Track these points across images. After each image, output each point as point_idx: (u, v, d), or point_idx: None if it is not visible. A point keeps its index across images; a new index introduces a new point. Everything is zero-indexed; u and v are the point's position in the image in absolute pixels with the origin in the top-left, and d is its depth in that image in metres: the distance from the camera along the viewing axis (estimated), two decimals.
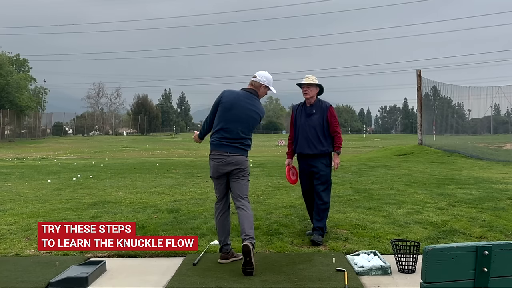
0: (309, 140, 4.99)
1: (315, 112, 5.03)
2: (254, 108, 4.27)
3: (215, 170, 4.27)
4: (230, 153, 4.19)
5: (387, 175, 10.68)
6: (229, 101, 4.27)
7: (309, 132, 4.99)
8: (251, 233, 4.03)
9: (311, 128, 4.99)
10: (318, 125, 4.98)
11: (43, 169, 13.96)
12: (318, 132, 4.97)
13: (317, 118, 5.00)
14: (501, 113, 19.94)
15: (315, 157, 4.97)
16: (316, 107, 5.05)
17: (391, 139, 51.61)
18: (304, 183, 5.16)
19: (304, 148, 5.01)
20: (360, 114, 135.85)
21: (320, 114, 5.01)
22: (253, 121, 4.29)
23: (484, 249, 1.93)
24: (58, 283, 3.69)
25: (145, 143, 46.77)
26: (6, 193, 8.54)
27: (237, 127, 4.21)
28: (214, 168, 4.28)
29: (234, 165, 4.20)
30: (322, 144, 4.97)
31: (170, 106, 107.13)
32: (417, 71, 19.90)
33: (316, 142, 4.97)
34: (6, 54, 50.72)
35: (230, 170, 4.22)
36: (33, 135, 53.58)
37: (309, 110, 5.06)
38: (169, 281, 3.78)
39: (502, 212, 6.24)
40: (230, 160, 4.19)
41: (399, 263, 4.03)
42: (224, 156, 4.20)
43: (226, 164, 4.21)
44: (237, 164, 4.20)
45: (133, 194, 8.25)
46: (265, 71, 4.39)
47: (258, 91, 4.34)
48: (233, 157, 4.19)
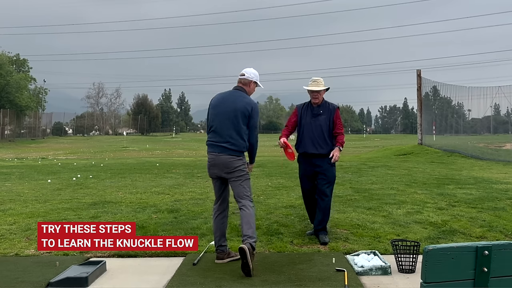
0: (314, 140, 4.99)
1: (322, 112, 5.05)
2: (241, 102, 4.22)
3: (208, 170, 4.37)
4: (218, 153, 4.21)
5: (387, 175, 10.68)
6: (216, 100, 4.35)
7: (316, 132, 4.99)
8: (249, 233, 4.02)
9: (318, 128, 4.99)
10: (324, 126, 5.00)
11: (43, 169, 13.96)
12: (324, 132, 4.99)
13: (324, 118, 5.02)
14: (501, 113, 19.94)
15: (319, 157, 4.98)
16: (323, 108, 5.07)
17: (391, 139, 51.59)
18: (306, 183, 5.16)
19: (309, 148, 5.01)
20: (360, 114, 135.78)
21: (327, 115, 5.03)
22: (241, 115, 4.19)
23: (484, 249, 1.93)
24: (58, 283, 3.69)
25: (145, 143, 46.76)
26: (6, 193, 8.54)
27: (226, 126, 4.19)
28: (208, 168, 4.37)
29: (224, 167, 4.19)
30: (327, 144, 4.99)
31: (170, 106, 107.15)
32: (417, 71, 19.89)
33: (322, 142, 4.98)
34: (6, 54, 50.71)
35: (221, 174, 4.23)
36: (33, 135, 53.56)
37: (316, 111, 5.07)
38: (169, 281, 3.78)
39: (502, 212, 6.24)
40: (218, 160, 4.20)
41: (399, 263, 4.03)
42: (214, 156, 4.23)
43: (214, 165, 4.24)
44: (226, 166, 4.18)
45: (133, 194, 8.25)
46: (251, 68, 4.42)
47: (247, 87, 4.37)
48: (221, 157, 4.19)
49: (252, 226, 4.11)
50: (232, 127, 4.19)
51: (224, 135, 4.19)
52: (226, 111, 4.22)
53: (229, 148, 4.18)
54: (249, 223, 4.09)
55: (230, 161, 4.18)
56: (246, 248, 3.82)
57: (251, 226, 4.08)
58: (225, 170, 4.20)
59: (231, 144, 4.18)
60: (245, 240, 3.96)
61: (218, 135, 4.22)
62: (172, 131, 77.12)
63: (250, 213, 4.16)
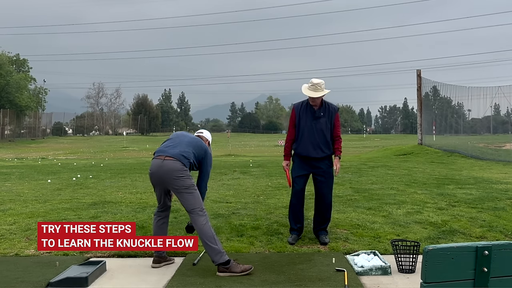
0: (315, 143, 4.89)
1: (323, 115, 4.92)
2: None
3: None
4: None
5: (387, 175, 10.67)
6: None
7: (317, 135, 4.89)
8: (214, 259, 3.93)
9: (319, 131, 4.89)
10: (325, 129, 4.90)
11: (43, 169, 13.96)
12: (326, 135, 4.90)
13: (325, 121, 4.91)
14: (501, 113, 19.93)
15: (319, 159, 4.93)
16: (324, 110, 4.94)
17: (391, 139, 51.59)
18: (300, 183, 5.03)
19: (310, 152, 4.91)
20: (360, 114, 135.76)
21: (327, 118, 4.92)
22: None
23: (484, 249, 1.93)
24: (58, 283, 3.69)
25: (145, 143, 46.76)
26: (6, 193, 8.54)
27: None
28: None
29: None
30: (328, 148, 4.93)
31: (170, 106, 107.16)
32: (417, 71, 19.88)
33: (323, 146, 4.90)
34: (6, 54, 50.70)
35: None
36: (33, 135, 53.57)
37: (317, 113, 4.93)
38: (169, 281, 3.78)
39: (502, 212, 6.24)
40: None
41: (399, 263, 4.03)
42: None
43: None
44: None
45: (133, 194, 8.25)
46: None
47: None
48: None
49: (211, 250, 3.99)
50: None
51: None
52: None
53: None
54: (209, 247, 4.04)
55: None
56: (222, 275, 3.87)
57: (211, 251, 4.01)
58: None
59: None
60: (218, 269, 3.95)
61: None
62: (172, 131, 77.06)
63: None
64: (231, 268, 3.88)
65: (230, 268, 3.88)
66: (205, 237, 3.94)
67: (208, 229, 3.96)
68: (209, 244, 3.92)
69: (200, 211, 4.02)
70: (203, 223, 3.97)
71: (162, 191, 4.27)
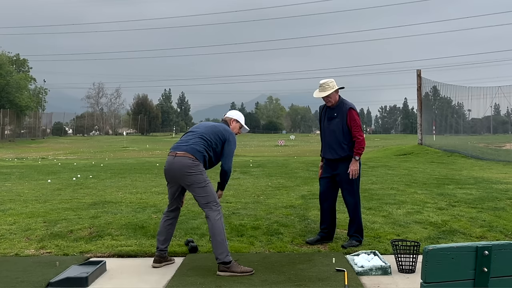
0: (329, 145, 4.87)
1: (336, 115, 4.84)
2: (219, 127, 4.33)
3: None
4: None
5: (387, 175, 10.67)
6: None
7: (329, 136, 4.88)
8: (218, 255, 3.93)
9: (331, 132, 4.86)
10: (337, 130, 4.81)
11: (43, 169, 13.96)
12: (338, 137, 4.80)
13: (337, 122, 4.82)
14: (501, 113, 19.93)
15: (336, 161, 4.85)
16: (338, 110, 4.85)
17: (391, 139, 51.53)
18: (323, 185, 5.01)
19: (327, 153, 4.92)
20: (360, 114, 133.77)
21: (340, 118, 4.82)
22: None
23: (484, 249, 1.93)
24: (58, 283, 3.69)
25: (145, 143, 46.75)
26: (6, 193, 8.54)
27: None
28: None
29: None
30: (342, 149, 4.79)
31: (170, 106, 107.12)
32: (417, 71, 19.89)
33: (336, 147, 4.82)
34: (6, 54, 50.69)
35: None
36: (33, 135, 53.56)
37: (330, 114, 4.89)
38: (169, 281, 3.78)
39: (502, 212, 6.24)
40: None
41: (399, 263, 4.03)
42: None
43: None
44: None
45: (133, 194, 8.25)
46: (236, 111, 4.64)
47: (229, 124, 4.43)
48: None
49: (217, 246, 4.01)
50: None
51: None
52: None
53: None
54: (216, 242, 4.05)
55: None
56: (222, 274, 3.89)
57: (216, 247, 4.03)
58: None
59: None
60: (218, 266, 3.96)
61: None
62: (172, 131, 77.15)
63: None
64: (232, 268, 3.88)
65: (231, 268, 3.88)
66: (216, 232, 3.94)
67: (220, 224, 3.97)
68: (218, 239, 3.93)
69: (214, 205, 4.02)
70: (216, 218, 3.97)
71: (176, 188, 4.22)
